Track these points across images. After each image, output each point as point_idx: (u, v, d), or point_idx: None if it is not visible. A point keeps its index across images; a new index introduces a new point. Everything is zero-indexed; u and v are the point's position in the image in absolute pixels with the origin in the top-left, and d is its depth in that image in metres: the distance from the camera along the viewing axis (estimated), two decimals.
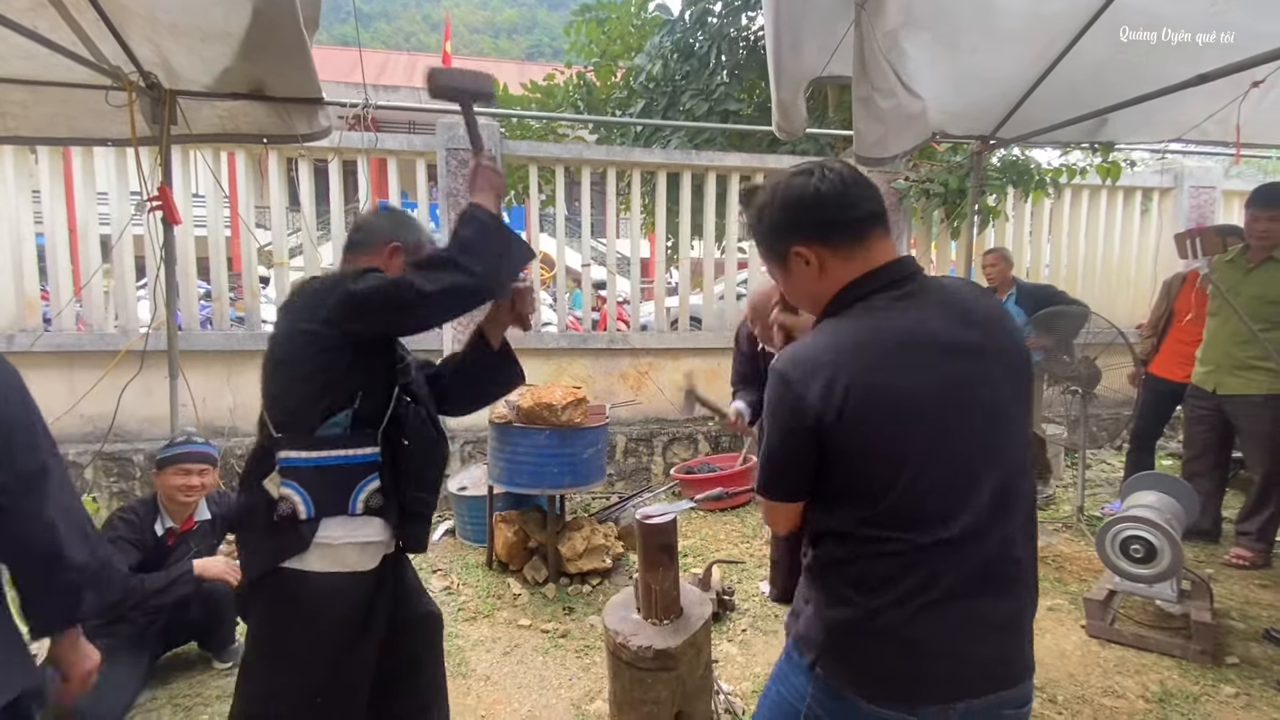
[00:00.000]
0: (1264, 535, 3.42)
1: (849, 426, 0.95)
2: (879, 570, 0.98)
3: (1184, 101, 3.15)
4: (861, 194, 1.05)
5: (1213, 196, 6.07)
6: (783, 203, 1.06)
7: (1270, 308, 3.15)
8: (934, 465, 0.96)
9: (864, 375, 0.95)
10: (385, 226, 1.62)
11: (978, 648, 0.98)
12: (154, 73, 2.84)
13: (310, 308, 1.45)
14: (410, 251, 1.59)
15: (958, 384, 0.97)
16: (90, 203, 4.23)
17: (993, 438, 0.99)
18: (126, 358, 3.44)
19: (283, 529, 1.42)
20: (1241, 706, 2.29)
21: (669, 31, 6.38)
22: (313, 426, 1.44)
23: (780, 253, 1.08)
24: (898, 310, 1.00)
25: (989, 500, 0.98)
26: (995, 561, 0.99)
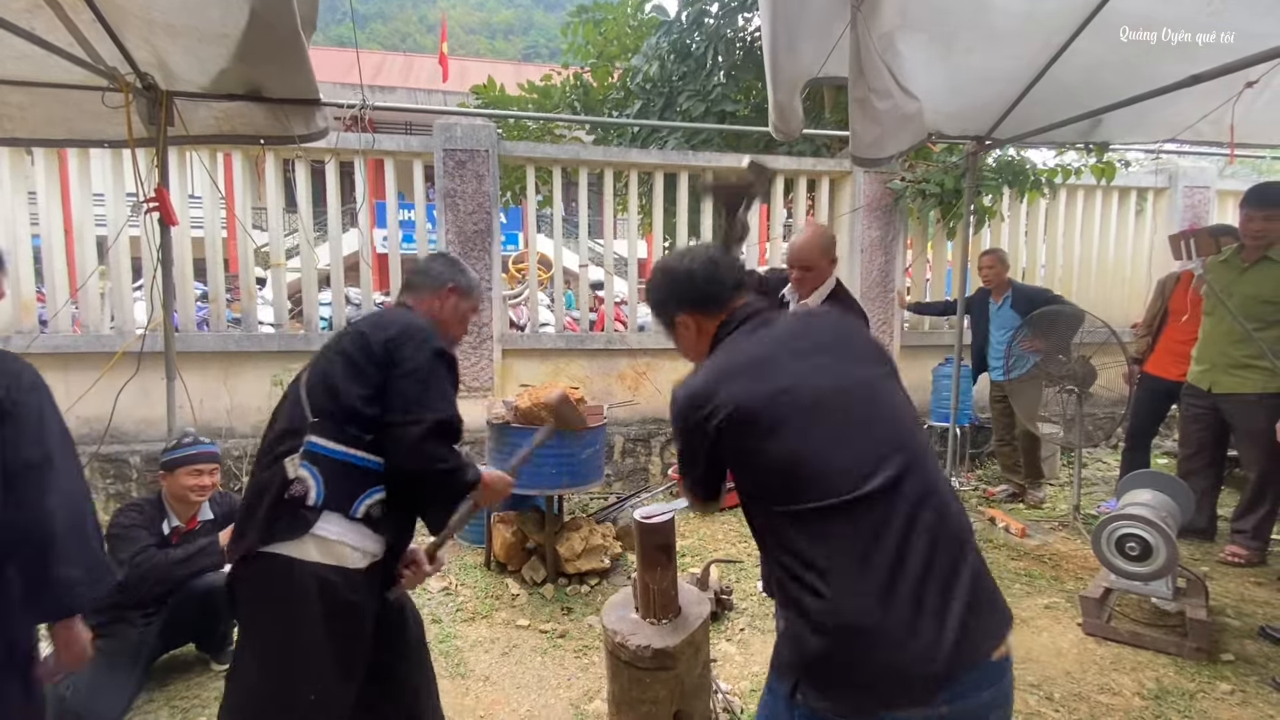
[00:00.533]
0: (1259, 533, 3.44)
1: (735, 436, 1.13)
2: (816, 551, 1.02)
3: (1178, 102, 3.17)
4: (727, 271, 1.33)
5: (1207, 196, 6.10)
6: (668, 283, 1.36)
7: (1264, 307, 3.16)
8: (819, 438, 1.08)
9: (736, 391, 1.14)
10: (443, 270, 1.84)
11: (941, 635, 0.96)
12: (151, 74, 2.83)
13: (400, 339, 1.58)
14: (464, 293, 1.84)
15: (816, 370, 1.15)
16: (86, 204, 4.22)
17: (868, 404, 1.14)
18: (123, 359, 3.44)
19: (287, 508, 1.47)
20: (1237, 703, 2.30)
21: (666, 32, 6.39)
22: (345, 422, 1.52)
23: (669, 321, 1.37)
24: (752, 338, 1.23)
25: (886, 456, 1.06)
26: (924, 520, 1.01)
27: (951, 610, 0.97)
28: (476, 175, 4.61)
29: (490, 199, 4.66)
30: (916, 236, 5.64)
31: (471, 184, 4.61)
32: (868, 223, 5.33)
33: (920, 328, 5.66)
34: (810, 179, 5.49)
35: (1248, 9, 2.69)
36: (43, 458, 1.36)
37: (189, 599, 2.48)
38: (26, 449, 1.34)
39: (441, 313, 1.80)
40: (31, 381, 1.39)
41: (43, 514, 1.34)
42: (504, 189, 6.03)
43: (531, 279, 5.11)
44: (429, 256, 1.93)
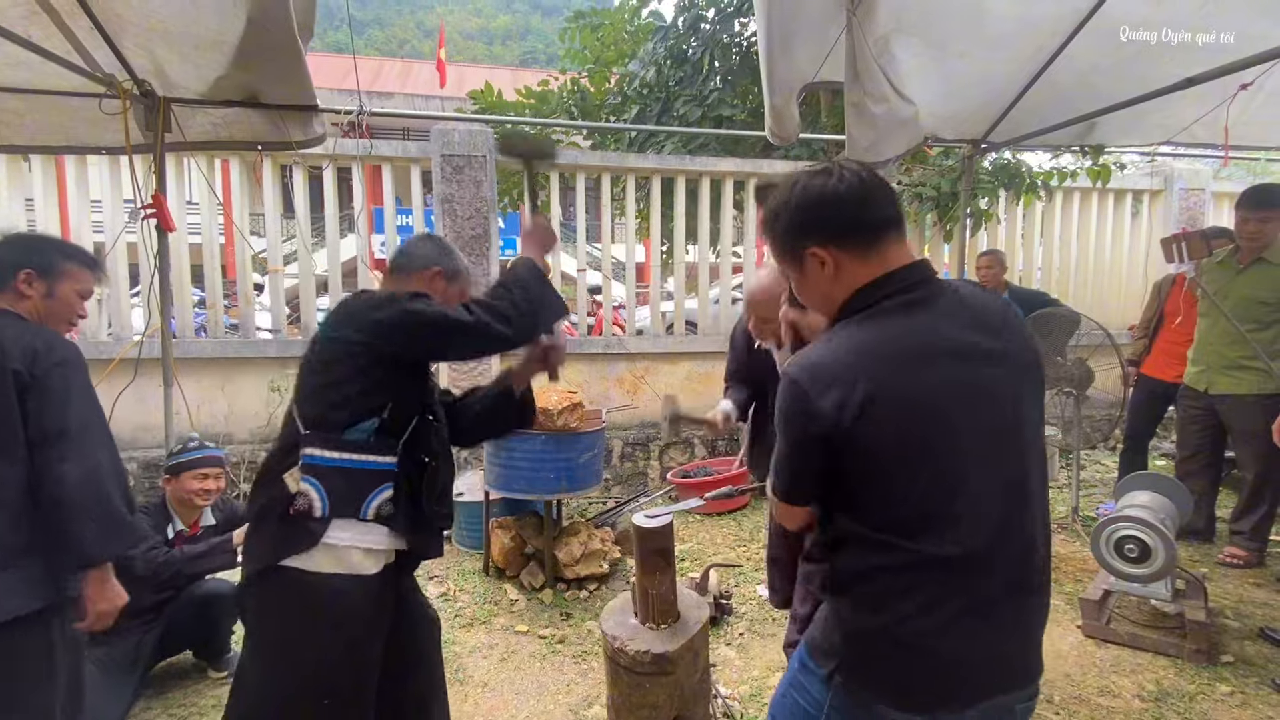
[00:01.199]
0: (1257, 534, 3.44)
1: (866, 435, 0.94)
2: (898, 580, 0.97)
3: (1173, 104, 3.18)
4: (880, 197, 1.03)
5: (1202, 198, 6.12)
6: (800, 203, 1.05)
7: (1260, 308, 3.17)
8: (953, 471, 0.95)
9: (880, 384, 0.94)
10: (428, 251, 1.75)
11: (1001, 654, 0.99)
12: (148, 81, 2.83)
13: (361, 317, 1.51)
14: (450, 276, 1.74)
15: (973, 389, 0.97)
16: (84, 210, 4.22)
17: (1011, 442, 0.99)
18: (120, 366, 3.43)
19: (294, 523, 1.46)
20: (1237, 705, 2.30)
21: (662, 38, 6.41)
22: (340, 428, 1.49)
23: (796, 253, 1.07)
24: (912, 316, 0.99)
25: (1011, 505, 0.98)
26: (1018, 567, 1.00)
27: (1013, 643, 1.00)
28: (474, 180, 4.62)
29: (488, 204, 4.66)
30: (914, 240, 5.65)
31: (469, 189, 4.62)
32: None
33: None
34: None
35: (1241, 11, 2.70)
36: (60, 429, 1.51)
37: (187, 605, 2.48)
38: (47, 420, 1.51)
39: None
40: (61, 357, 1.55)
41: (57, 478, 1.50)
42: (502, 194, 6.03)
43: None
44: (413, 238, 1.83)
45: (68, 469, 1.51)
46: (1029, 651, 1.03)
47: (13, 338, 1.54)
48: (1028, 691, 1.05)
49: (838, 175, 1.03)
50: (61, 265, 1.77)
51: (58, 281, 1.75)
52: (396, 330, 1.48)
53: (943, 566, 0.96)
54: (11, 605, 1.53)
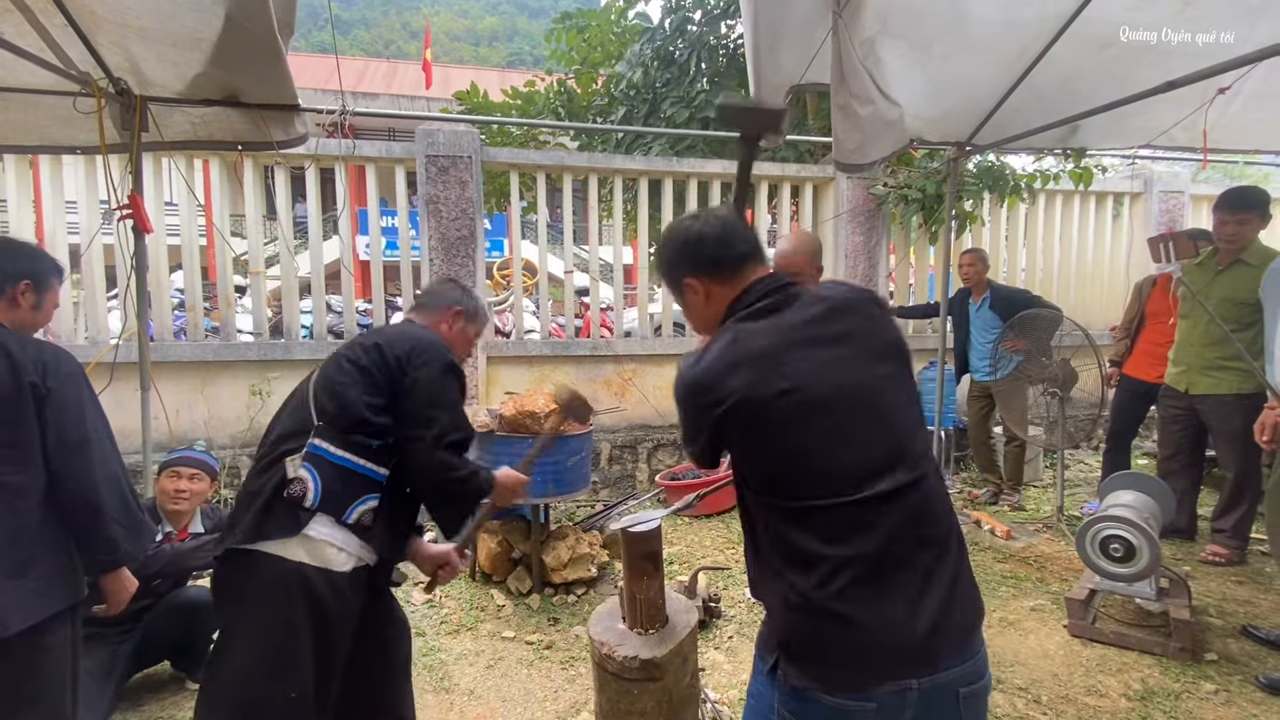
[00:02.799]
0: (1238, 532, 3.48)
1: (738, 427, 1.11)
2: (805, 543, 1.06)
3: (1152, 108, 3.22)
4: (738, 235, 1.24)
5: (1181, 201, 6.22)
6: (675, 243, 1.28)
7: (1238, 309, 3.21)
8: (823, 441, 1.07)
9: (741, 386, 1.09)
10: (451, 292, 1.96)
11: (914, 616, 1.02)
12: (124, 79, 2.77)
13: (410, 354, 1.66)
14: (469, 316, 1.94)
15: (822, 367, 1.10)
16: (59, 211, 4.13)
17: (870, 405, 1.10)
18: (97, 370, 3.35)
19: (282, 507, 1.51)
20: (1222, 703, 2.32)
21: (649, 39, 6.41)
22: (350, 430, 1.58)
23: (677, 284, 1.29)
24: (766, 318, 1.16)
25: (884, 458, 1.07)
26: (914, 526, 1.06)
27: (927, 603, 1.03)
28: (459, 181, 4.58)
29: (474, 205, 4.62)
30: (899, 242, 5.69)
31: (455, 190, 4.57)
32: (851, 228, 5.36)
33: (904, 332, 5.69)
34: (794, 185, 5.52)
35: (1220, 16, 2.74)
36: (84, 436, 1.61)
37: (166, 614, 2.44)
38: (70, 429, 1.59)
39: (448, 333, 1.89)
40: (69, 370, 1.64)
41: (92, 484, 1.61)
42: (488, 195, 6.00)
43: (516, 285, 5.08)
44: (439, 279, 2.11)
45: (96, 475, 1.62)
46: (946, 619, 1.04)
47: (24, 351, 1.61)
48: (967, 671, 1.05)
49: (703, 220, 1.27)
50: (50, 279, 1.84)
51: (46, 293, 1.81)
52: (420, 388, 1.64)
53: (834, 522, 1.04)
54: (42, 607, 1.61)
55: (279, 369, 4.37)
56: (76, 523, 1.65)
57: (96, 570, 1.76)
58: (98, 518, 1.64)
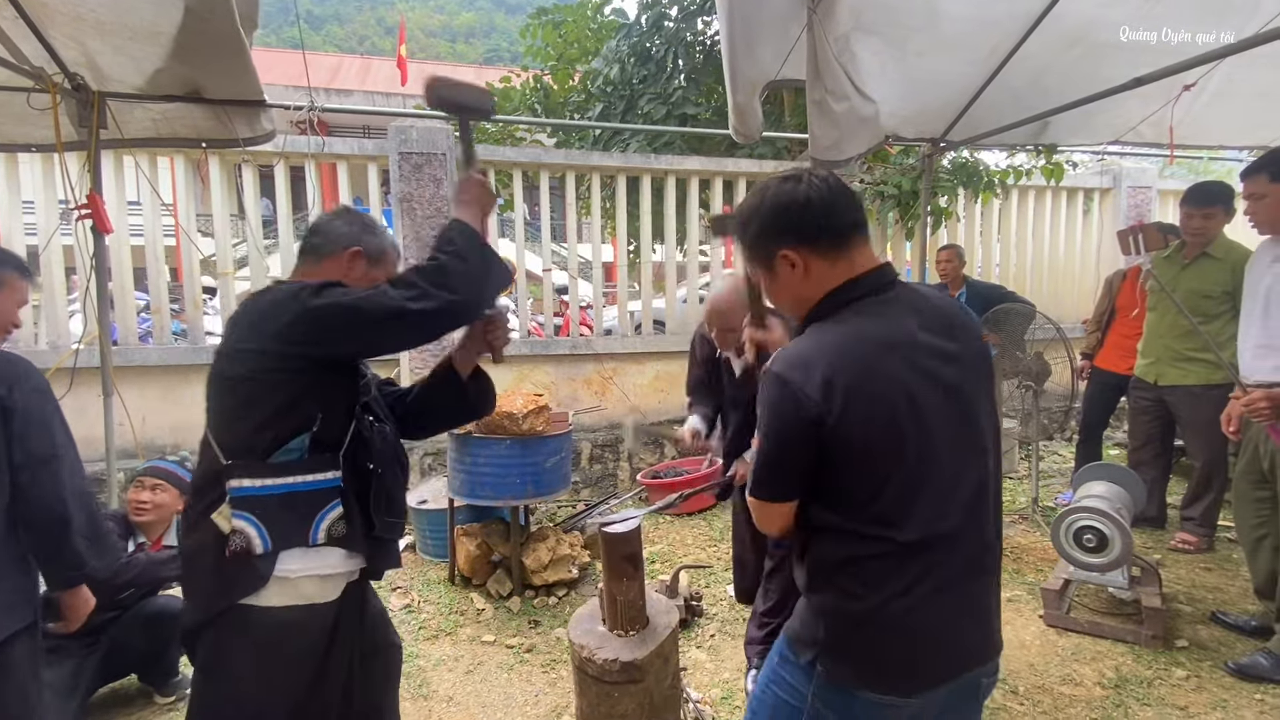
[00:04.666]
0: (1206, 520, 3.56)
1: (845, 426, 0.99)
2: (879, 566, 1.04)
3: (1120, 105, 3.27)
4: (847, 203, 1.10)
5: (1149, 196, 6.34)
6: (772, 207, 1.11)
7: (1205, 301, 3.28)
8: (923, 464, 1.02)
9: (857, 377, 1.00)
10: (345, 230, 1.49)
11: (968, 630, 1.08)
12: (80, 74, 2.68)
13: (263, 323, 1.32)
14: (372, 257, 1.49)
15: (941, 387, 1.04)
16: (15, 212, 3.99)
17: (971, 436, 1.08)
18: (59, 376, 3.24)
19: (236, 566, 1.30)
20: (1193, 689, 2.37)
21: (626, 35, 6.37)
22: (267, 451, 1.32)
23: (767, 256, 1.12)
24: (882, 316, 1.05)
25: (972, 495, 1.06)
26: (978, 550, 1.09)
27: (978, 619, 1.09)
28: (434, 179, 4.51)
29: (448, 203, 4.56)
30: (876, 238, 5.72)
31: (429, 188, 4.51)
32: None
33: None
34: None
35: (1185, 13, 2.78)
36: (53, 452, 1.58)
37: (133, 624, 2.37)
38: (38, 445, 1.56)
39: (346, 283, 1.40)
40: (36, 384, 1.60)
41: (60, 499, 1.57)
42: None
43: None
44: (327, 213, 1.57)
45: (65, 490, 1.59)
46: (990, 628, 1.12)
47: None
48: (991, 666, 1.14)
49: (807, 182, 1.09)
50: (4, 275, 1.75)
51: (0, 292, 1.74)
52: (309, 333, 1.29)
53: (915, 552, 1.03)
54: (5, 624, 1.58)
55: None
56: (42, 538, 1.61)
57: (59, 586, 1.72)
58: (65, 533, 1.60)
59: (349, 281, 1.40)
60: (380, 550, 1.50)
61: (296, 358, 1.31)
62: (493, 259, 1.40)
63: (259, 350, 1.31)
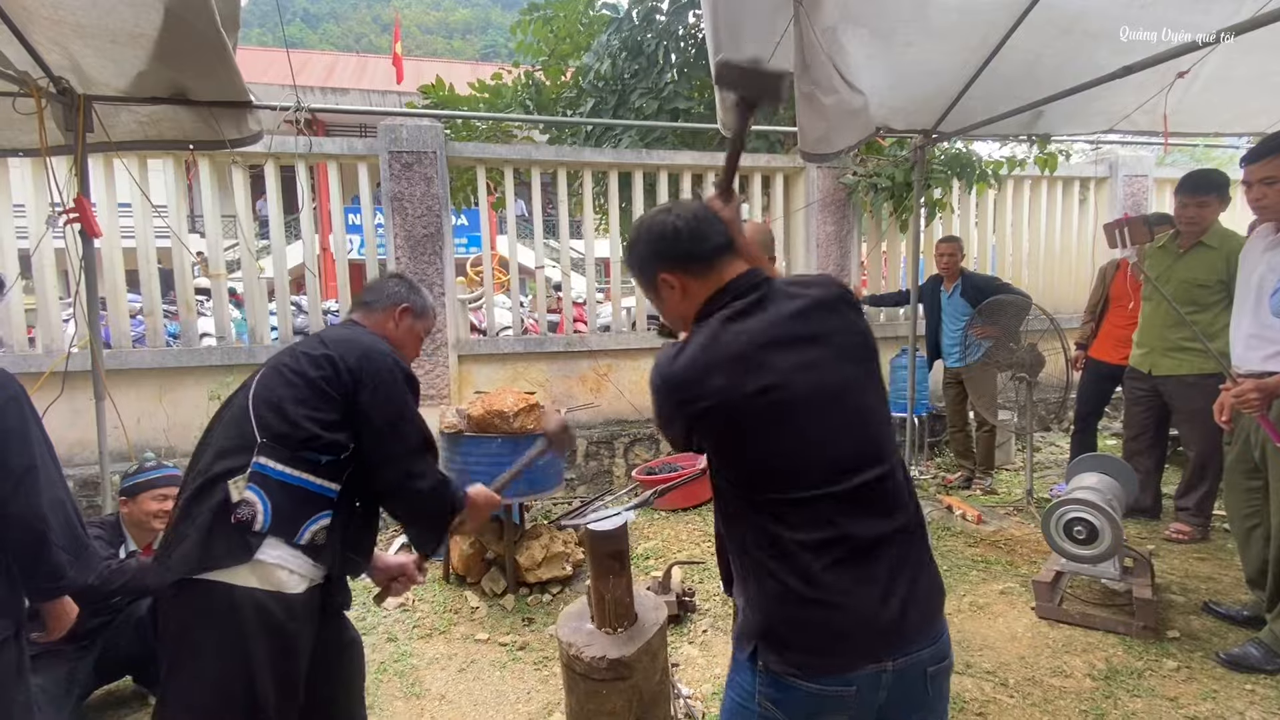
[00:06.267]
0: (1201, 509, 3.56)
1: (709, 421, 1.13)
2: (784, 534, 1.09)
3: (1114, 93, 3.25)
4: (711, 229, 1.23)
5: (1145, 185, 6.31)
6: (647, 238, 1.26)
7: (1200, 290, 3.26)
8: (798, 440, 1.10)
9: (718, 389, 1.11)
10: (397, 289, 1.84)
11: (886, 599, 1.08)
12: (65, 77, 2.67)
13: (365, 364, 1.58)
14: (417, 314, 1.84)
15: (802, 369, 1.12)
16: (6, 216, 3.99)
17: (843, 402, 1.14)
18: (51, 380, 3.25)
19: (230, 533, 1.42)
20: (1183, 680, 2.36)
21: (616, 30, 6.33)
22: (299, 446, 1.49)
23: (651, 279, 1.26)
24: (743, 319, 1.16)
25: (857, 453, 1.12)
26: (884, 514, 1.12)
27: (898, 587, 1.09)
28: (425, 178, 4.50)
29: (440, 201, 4.55)
30: (870, 230, 5.71)
31: (420, 187, 4.50)
32: (822, 218, 5.37)
33: (876, 320, 5.73)
34: (764, 175, 5.50)
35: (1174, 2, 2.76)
36: (29, 463, 1.54)
37: (126, 626, 2.37)
38: (13, 456, 1.52)
39: (395, 332, 1.80)
40: (11, 393, 1.55)
41: (38, 511, 1.54)
42: (455, 191, 5.90)
43: (487, 282, 5.02)
44: (384, 275, 1.93)
45: (42, 501, 1.56)
46: (914, 601, 1.11)
47: None
48: (934, 651, 1.12)
49: (675, 214, 1.24)
50: None
51: None
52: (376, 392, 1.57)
53: (811, 516, 1.09)
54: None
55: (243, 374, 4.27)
56: (20, 550, 1.59)
57: (39, 598, 1.71)
58: (43, 545, 1.58)
59: (398, 330, 1.80)
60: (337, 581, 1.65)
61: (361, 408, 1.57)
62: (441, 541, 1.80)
63: (346, 380, 1.56)
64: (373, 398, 1.56)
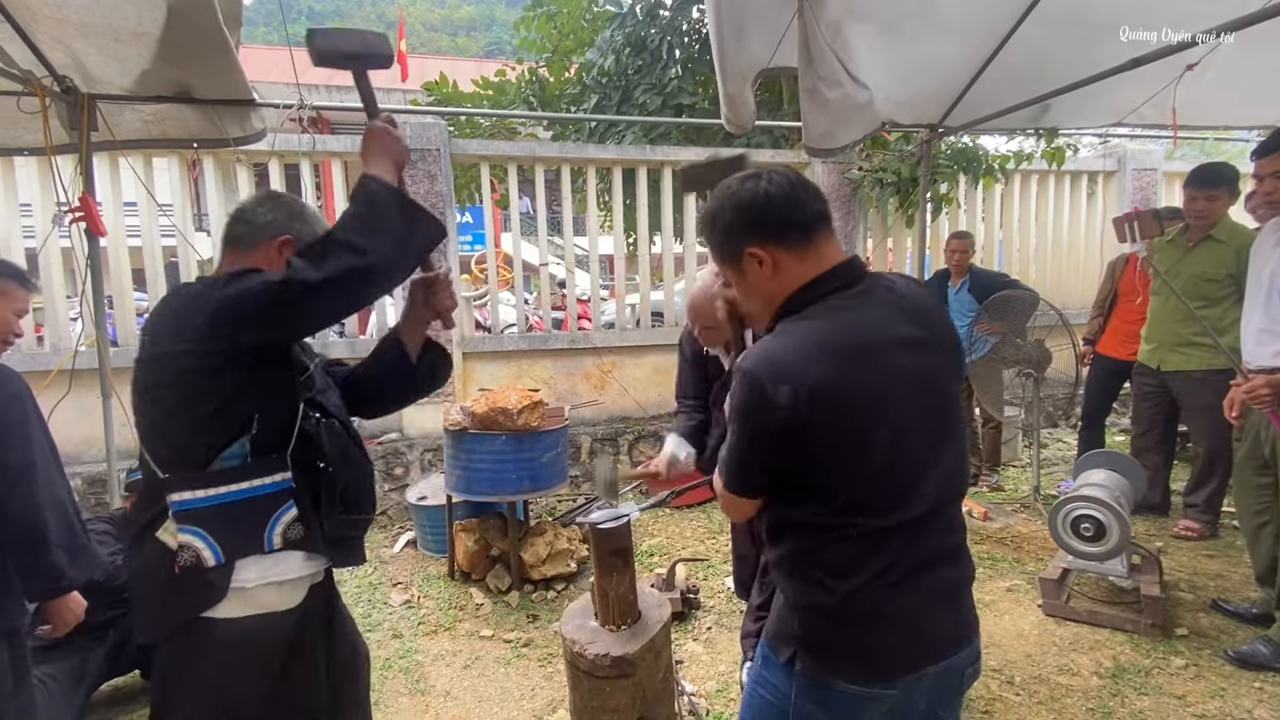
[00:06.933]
0: (1210, 506, 3.53)
1: (816, 427, 0.99)
2: (847, 555, 1.04)
3: (1122, 86, 3.20)
4: (808, 196, 1.10)
5: (1154, 179, 6.24)
6: (734, 206, 1.10)
7: (1209, 285, 3.23)
8: (895, 457, 1.02)
9: (828, 377, 0.98)
10: (273, 217, 1.39)
11: (940, 613, 1.08)
12: (69, 76, 2.68)
13: (178, 324, 1.23)
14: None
15: (912, 378, 1.04)
16: (12, 215, 4.01)
17: (943, 423, 1.09)
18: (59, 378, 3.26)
19: (189, 582, 1.23)
20: (1191, 678, 2.35)
21: (620, 25, 6.31)
22: (205, 460, 1.25)
23: (735, 254, 1.11)
24: (853, 310, 1.05)
25: (942, 480, 1.07)
26: (944, 534, 1.10)
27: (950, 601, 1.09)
28: (428, 175, 4.50)
29: (444, 199, 4.55)
30: (876, 225, 5.67)
31: (423, 184, 4.49)
32: None
33: None
34: None
35: None
36: (29, 461, 1.52)
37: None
38: (13, 453, 1.50)
39: None
40: (14, 391, 1.54)
41: (36, 509, 1.53)
42: (459, 188, 5.90)
43: (492, 279, 5.01)
44: (254, 198, 1.47)
45: (41, 500, 1.55)
46: (960, 610, 1.12)
47: None
48: (970, 653, 1.13)
49: (767, 179, 1.09)
50: (2, 285, 1.74)
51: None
52: (219, 329, 1.18)
53: (884, 539, 1.04)
54: None
55: None
56: (18, 549, 1.57)
57: (39, 597, 1.69)
58: (41, 544, 1.56)
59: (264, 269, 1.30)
60: (341, 549, 1.44)
61: (218, 355, 1.21)
62: (415, 212, 1.28)
63: (178, 353, 1.22)
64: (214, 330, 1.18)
